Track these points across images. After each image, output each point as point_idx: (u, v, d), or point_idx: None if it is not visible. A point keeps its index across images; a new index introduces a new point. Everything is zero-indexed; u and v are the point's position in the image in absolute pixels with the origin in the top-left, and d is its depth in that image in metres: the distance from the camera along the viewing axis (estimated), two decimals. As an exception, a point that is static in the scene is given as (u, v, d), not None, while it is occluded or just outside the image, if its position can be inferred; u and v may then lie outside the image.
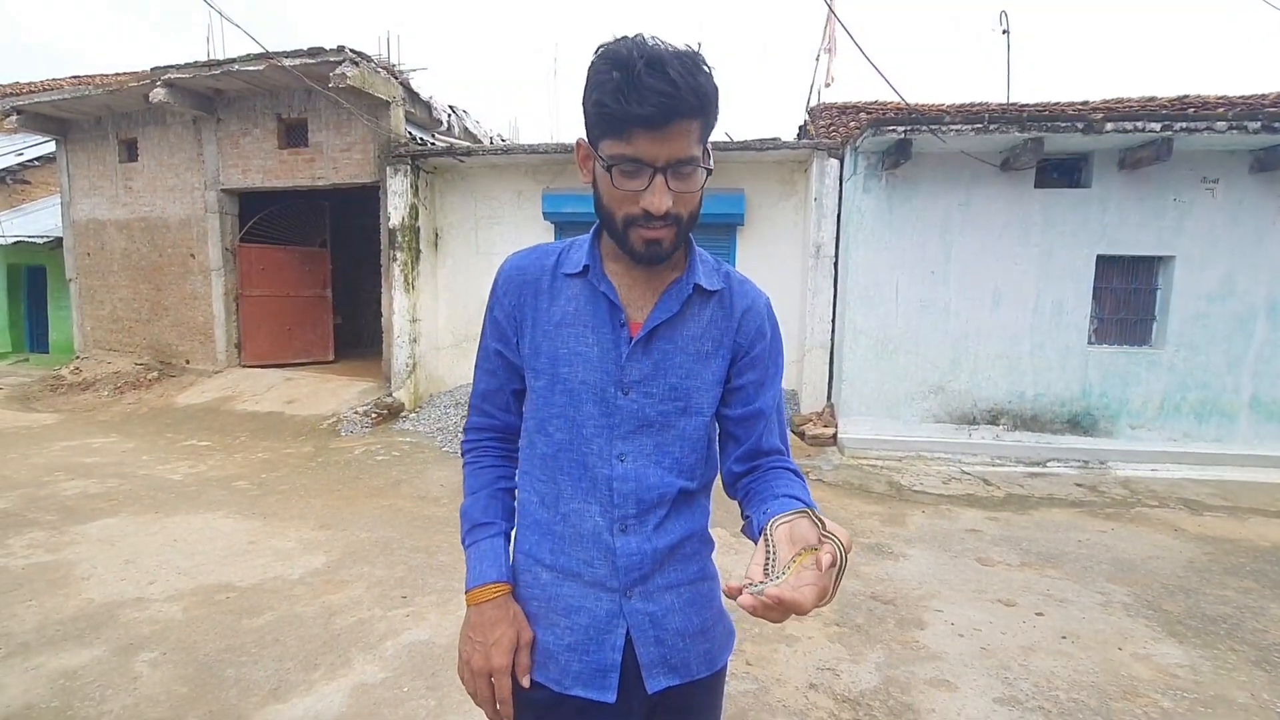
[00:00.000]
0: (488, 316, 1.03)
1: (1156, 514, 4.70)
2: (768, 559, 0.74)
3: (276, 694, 2.39)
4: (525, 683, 0.94)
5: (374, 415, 6.99)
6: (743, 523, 0.98)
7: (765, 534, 0.77)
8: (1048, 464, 5.88)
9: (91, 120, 9.29)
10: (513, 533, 1.05)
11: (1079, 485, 5.34)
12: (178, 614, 2.98)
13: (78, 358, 9.82)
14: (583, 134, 0.90)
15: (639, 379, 0.94)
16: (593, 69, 0.83)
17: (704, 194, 0.92)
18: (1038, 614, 3.12)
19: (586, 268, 0.96)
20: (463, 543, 1.01)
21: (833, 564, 0.69)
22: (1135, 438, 6.15)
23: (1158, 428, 6.16)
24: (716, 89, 0.84)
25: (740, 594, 0.69)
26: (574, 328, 0.95)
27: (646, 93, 0.78)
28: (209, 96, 8.17)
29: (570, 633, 0.94)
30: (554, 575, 0.96)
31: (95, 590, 3.20)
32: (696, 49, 0.83)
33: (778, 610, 0.68)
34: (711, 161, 0.89)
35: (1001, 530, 4.29)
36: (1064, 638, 2.89)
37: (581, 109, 0.87)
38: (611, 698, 0.93)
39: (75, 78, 12.80)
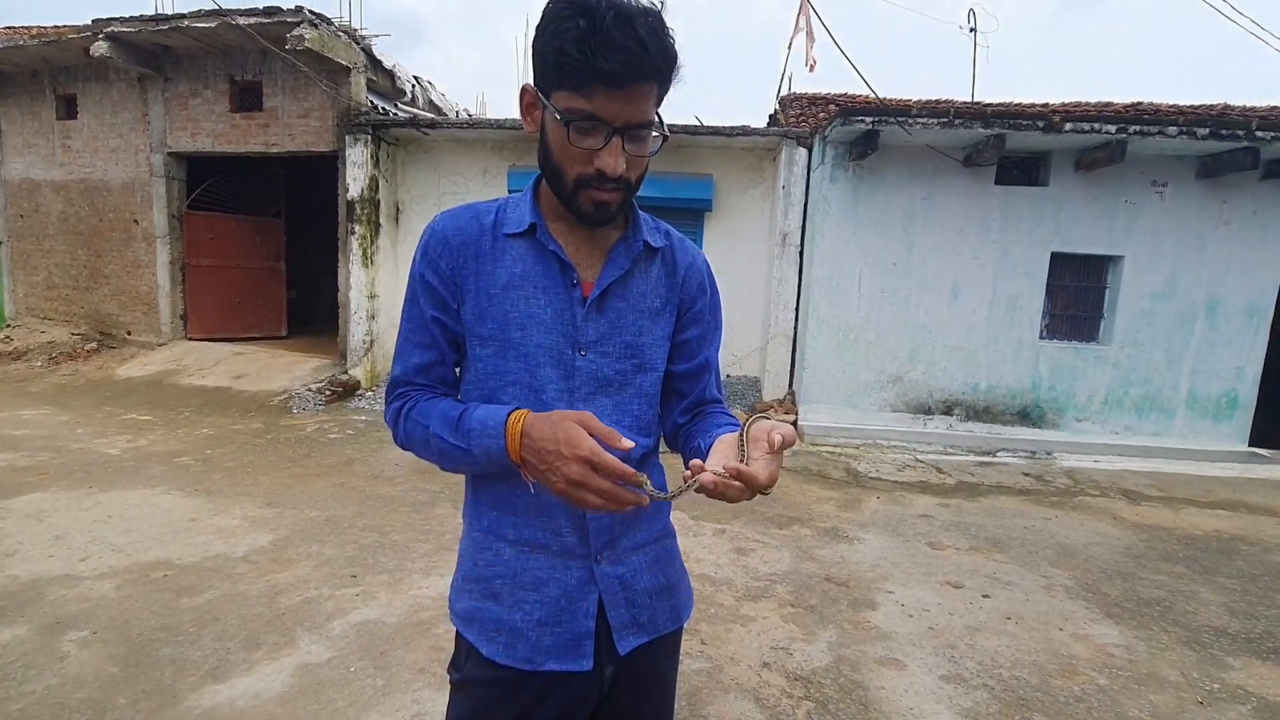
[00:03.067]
0: (418, 284, 0.92)
1: (1097, 503, 4.88)
2: (742, 450, 0.79)
3: (215, 674, 2.30)
4: (626, 444, 0.77)
5: (328, 393, 6.78)
6: (685, 457, 0.94)
7: (742, 431, 0.82)
8: (997, 454, 6.05)
9: (26, 73, 8.72)
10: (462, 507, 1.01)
11: (1026, 475, 5.51)
12: (110, 592, 2.84)
13: (9, 325, 9.29)
14: (529, 80, 0.84)
15: (596, 339, 0.91)
16: (553, 11, 0.77)
17: (672, 179, 0.89)
18: (984, 596, 3.20)
19: (533, 226, 0.90)
20: (455, 444, 0.85)
21: (784, 444, 0.75)
22: (1080, 430, 6.38)
23: (1101, 421, 6.40)
24: (678, 55, 0.80)
25: (702, 471, 0.74)
26: (523, 289, 0.90)
27: (613, 49, 0.73)
28: (156, 54, 7.73)
29: (540, 606, 0.91)
30: (518, 550, 0.93)
31: (20, 567, 3.02)
32: (659, 6, 0.79)
33: (736, 485, 0.74)
34: (665, 128, 0.85)
35: (952, 516, 4.40)
36: (1008, 619, 2.98)
37: (533, 52, 0.81)
38: (588, 665, 0.91)
39: (9, 28, 11.99)
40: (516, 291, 0.90)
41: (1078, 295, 6.50)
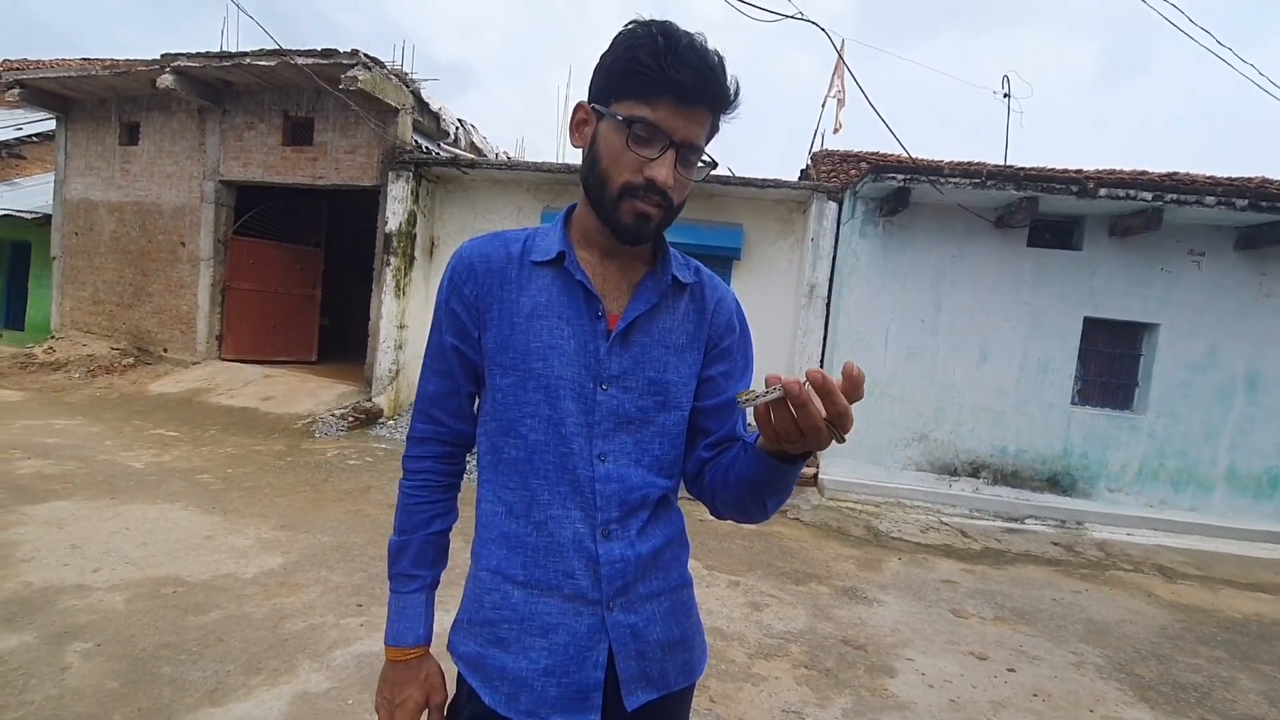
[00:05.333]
0: (442, 310, 0.94)
1: (1131, 578, 4.66)
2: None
3: (212, 696, 2.26)
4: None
5: (351, 419, 6.85)
6: (709, 491, 0.93)
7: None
8: (1025, 520, 5.84)
9: (95, 100, 9.25)
10: (440, 577, 0.99)
11: (1056, 544, 5.31)
12: (119, 604, 2.84)
13: (53, 337, 9.61)
14: (584, 98, 0.87)
15: (618, 373, 0.89)
16: (629, 32, 0.82)
17: (703, 226, 0.90)
18: (1010, 670, 3.05)
19: (561, 254, 0.90)
20: (388, 578, 0.97)
21: (857, 375, 0.66)
22: (1113, 501, 6.15)
23: (1135, 492, 6.17)
24: (739, 98, 0.85)
25: (779, 381, 0.67)
26: (547, 319, 0.88)
27: (687, 65, 0.78)
28: (217, 88, 8.17)
29: (548, 654, 0.86)
30: (527, 592, 0.88)
31: (35, 573, 3.04)
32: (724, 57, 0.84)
33: (816, 405, 0.66)
34: (715, 164, 0.88)
35: (977, 583, 4.23)
36: (1035, 695, 2.82)
37: (597, 69, 0.84)
38: (595, 719, 0.86)
39: (84, 59, 12.78)
40: (540, 321, 0.88)
41: (1111, 361, 6.35)
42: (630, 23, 0.82)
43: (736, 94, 0.83)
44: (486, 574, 0.91)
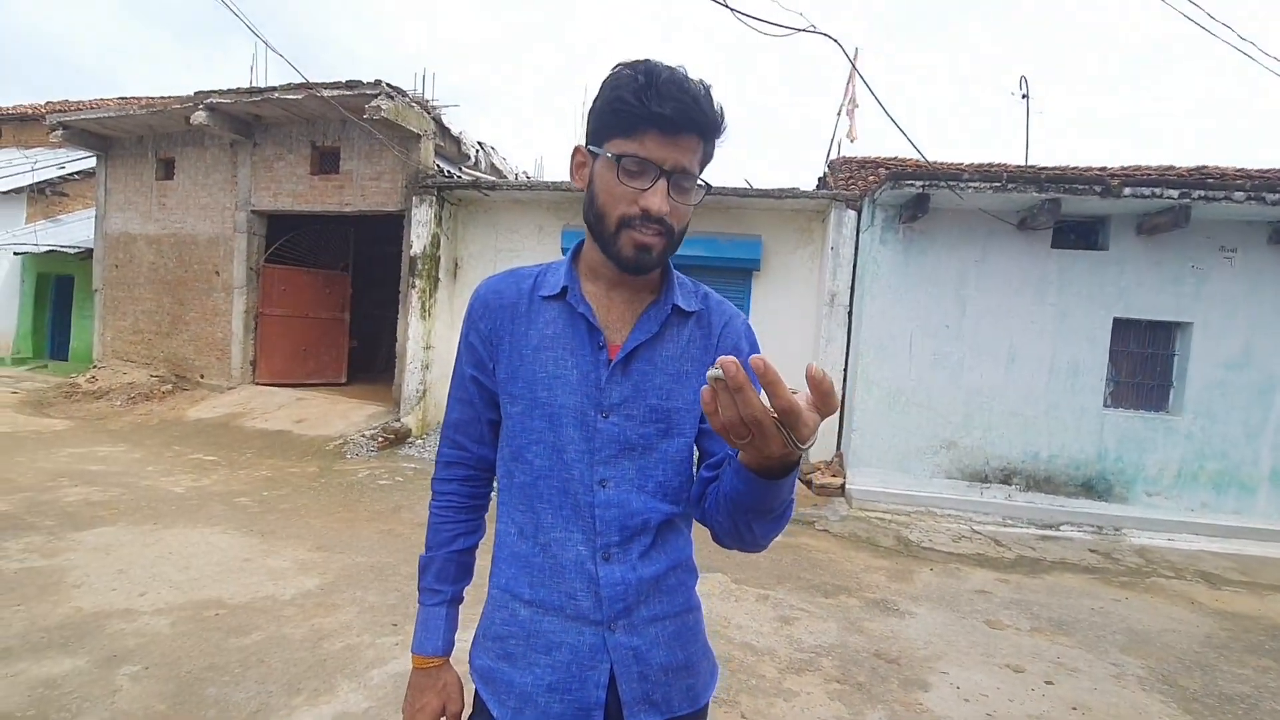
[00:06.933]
0: (463, 343, 1.00)
1: (1173, 585, 4.54)
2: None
3: (256, 717, 2.33)
4: None
5: (380, 439, 6.98)
6: (709, 512, 0.90)
7: None
8: (1060, 527, 5.73)
9: (133, 138, 9.63)
10: (464, 592, 1.06)
11: (1093, 551, 5.19)
12: (165, 628, 2.94)
13: (95, 366, 9.96)
14: (581, 143, 0.92)
15: (619, 401, 0.92)
16: (614, 75, 0.86)
17: (721, 239, 0.93)
18: (1047, 682, 2.99)
19: (565, 289, 0.95)
20: (418, 590, 1.05)
21: (823, 377, 0.59)
22: (1151, 505, 6.00)
23: (1175, 496, 6.01)
24: (725, 123, 0.88)
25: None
26: (553, 351, 0.93)
27: (667, 97, 0.81)
28: (248, 121, 8.45)
29: (551, 671, 0.90)
30: (533, 610, 0.92)
31: (85, 599, 3.16)
32: (710, 86, 0.87)
33: (754, 398, 0.60)
34: (708, 185, 0.91)
35: (1012, 593, 4.16)
36: (1074, 709, 2.77)
37: (590, 114, 0.89)
38: None
39: (121, 98, 13.32)
40: (546, 353, 0.93)
41: (1144, 362, 6.22)
42: (616, 66, 0.87)
43: (722, 122, 0.87)
44: (498, 591, 0.97)
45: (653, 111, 0.81)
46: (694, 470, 0.98)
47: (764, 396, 0.60)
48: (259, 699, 2.44)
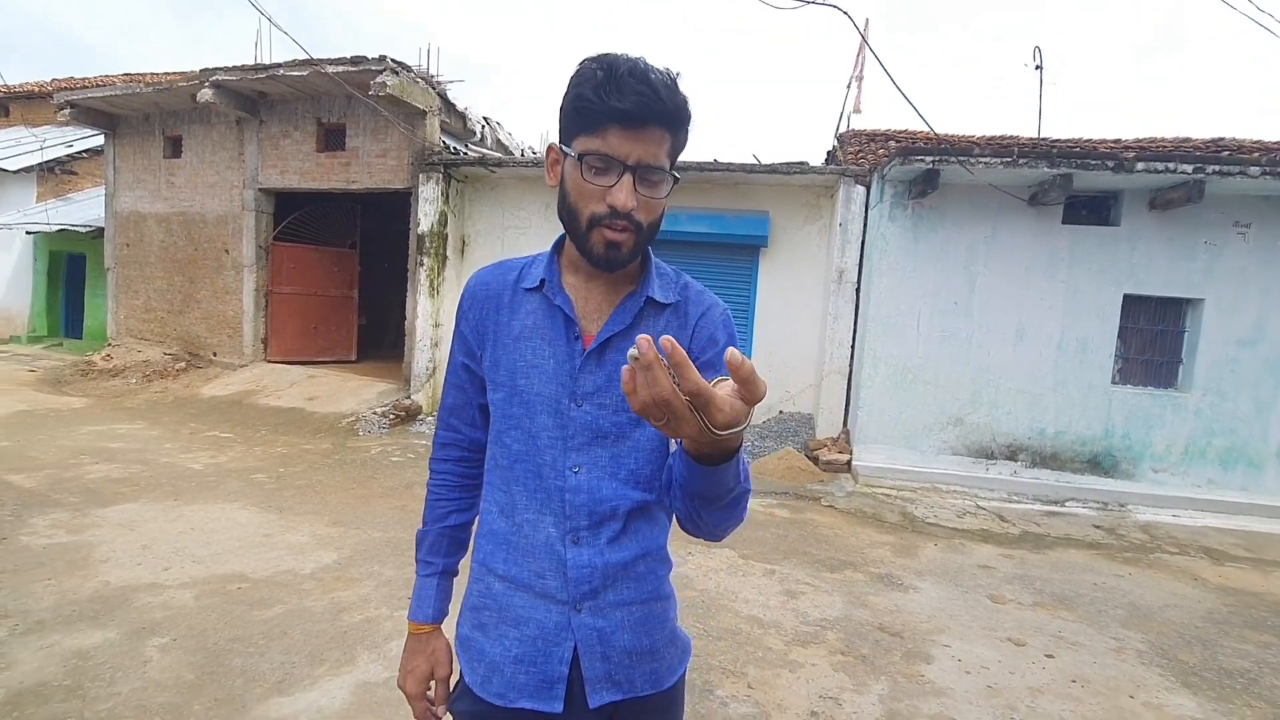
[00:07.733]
0: (455, 332, 1.05)
1: (1176, 561, 4.59)
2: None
3: (280, 686, 2.43)
4: (441, 713, 1.07)
5: (391, 416, 7.07)
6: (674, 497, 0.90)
7: None
8: (1066, 503, 5.77)
9: (140, 116, 9.61)
10: (457, 565, 1.12)
11: (1097, 527, 5.24)
12: (190, 601, 3.04)
13: (110, 344, 10.08)
14: (555, 140, 0.94)
15: (592, 390, 0.94)
16: (577, 71, 0.87)
17: (728, 215, 0.93)
18: (1048, 655, 3.06)
19: (543, 281, 0.97)
20: (417, 556, 1.11)
21: (743, 362, 0.57)
22: (1157, 481, 6.03)
23: (1181, 473, 6.03)
24: (691, 111, 0.88)
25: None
26: (532, 341, 0.96)
27: (626, 91, 0.81)
28: (253, 99, 8.42)
29: (518, 644, 0.94)
30: (505, 585, 0.97)
31: (112, 573, 3.27)
32: (676, 73, 0.87)
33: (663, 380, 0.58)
34: (677, 179, 0.92)
35: (1015, 568, 4.22)
36: (1074, 681, 2.84)
37: (559, 113, 0.90)
38: (559, 708, 0.93)
39: (127, 75, 13.27)
40: (526, 342, 0.97)
41: (1153, 339, 6.20)
42: (581, 61, 0.87)
43: (687, 112, 0.87)
44: (477, 565, 1.02)
45: (612, 106, 0.82)
46: (667, 458, 0.99)
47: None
48: (283, 669, 2.54)
